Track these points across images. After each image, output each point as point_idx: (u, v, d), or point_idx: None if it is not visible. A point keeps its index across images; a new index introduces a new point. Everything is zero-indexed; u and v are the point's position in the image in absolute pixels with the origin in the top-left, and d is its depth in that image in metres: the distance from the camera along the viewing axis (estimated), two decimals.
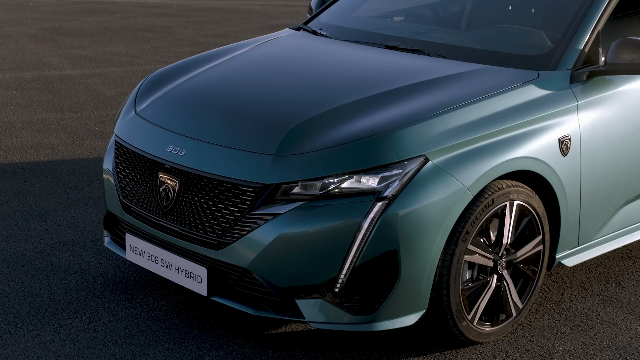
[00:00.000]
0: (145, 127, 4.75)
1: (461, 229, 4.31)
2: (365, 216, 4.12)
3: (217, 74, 5.06)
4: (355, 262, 4.15)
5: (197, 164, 4.39)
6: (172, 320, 4.80)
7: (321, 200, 4.18)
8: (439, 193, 4.21)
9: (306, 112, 4.47)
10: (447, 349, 4.56)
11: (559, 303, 5.04)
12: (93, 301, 4.98)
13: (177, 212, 4.45)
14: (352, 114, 4.42)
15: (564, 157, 4.65)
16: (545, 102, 4.63)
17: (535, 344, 4.63)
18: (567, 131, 4.67)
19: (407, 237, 4.16)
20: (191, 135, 4.53)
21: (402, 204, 4.15)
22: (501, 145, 4.40)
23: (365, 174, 4.18)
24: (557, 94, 4.70)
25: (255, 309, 4.33)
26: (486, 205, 4.37)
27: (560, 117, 4.66)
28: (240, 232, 4.25)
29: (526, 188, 4.55)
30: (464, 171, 4.27)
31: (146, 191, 4.60)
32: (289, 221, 4.17)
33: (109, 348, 4.52)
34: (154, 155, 4.56)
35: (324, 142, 4.27)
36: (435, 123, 4.32)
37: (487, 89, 4.56)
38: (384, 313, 4.24)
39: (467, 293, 4.45)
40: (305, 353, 4.51)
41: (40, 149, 7.52)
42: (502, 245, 4.52)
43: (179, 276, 4.50)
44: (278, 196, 4.21)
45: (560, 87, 4.73)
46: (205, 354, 4.48)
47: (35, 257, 5.49)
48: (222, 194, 4.30)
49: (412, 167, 4.19)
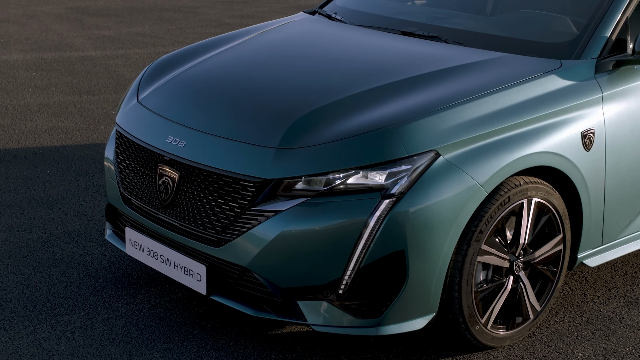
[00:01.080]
0: (147, 116, 4.55)
1: (474, 228, 4.06)
2: (371, 214, 3.89)
3: (223, 61, 4.84)
4: (361, 263, 3.92)
5: (197, 156, 4.18)
6: (173, 317, 4.60)
7: (325, 196, 3.95)
8: (450, 190, 3.96)
9: (312, 103, 4.23)
10: (459, 354, 4.33)
11: (580, 304, 4.78)
12: (93, 296, 4.79)
13: (176, 206, 4.24)
14: (360, 105, 4.18)
15: (587, 152, 4.38)
16: (567, 94, 4.36)
17: (553, 349, 4.38)
18: (591, 124, 4.40)
19: (415, 237, 3.92)
20: (192, 126, 4.31)
21: (411, 202, 3.91)
22: (519, 140, 4.14)
23: (372, 169, 3.94)
24: (581, 84, 4.42)
25: (255, 309, 4.12)
26: (502, 203, 4.11)
27: (584, 110, 4.39)
28: (241, 229, 4.03)
29: (546, 185, 4.29)
30: (477, 167, 4.02)
31: (146, 183, 4.40)
32: (291, 218, 3.95)
33: (105, 347, 4.33)
34: (154, 146, 4.35)
35: (329, 135, 4.03)
36: (448, 116, 4.06)
37: (505, 79, 4.30)
38: (391, 316, 4.01)
39: (480, 295, 4.20)
40: (309, 356, 4.30)
41: (54, 133, 7.35)
42: (519, 245, 4.27)
43: (178, 273, 4.30)
44: (280, 192, 3.99)
45: (584, 77, 4.45)
46: (205, 355, 4.28)
47: (38, 248, 5.32)
48: (221, 189, 4.08)
49: (421, 162, 3.95)
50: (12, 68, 9.35)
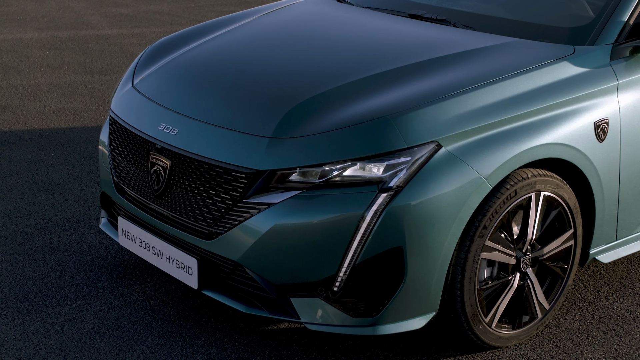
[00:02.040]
0: (140, 101, 4.37)
1: (478, 223, 3.86)
2: (367, 208, 3.69)
3: (221, 45, 4.64)
4: (356, 259, 3.73)
5: (189, 145, 3.99)
6: (167, 310, 4.44)
7: (320, 189, 3.76)
8: (452, 183, 3.75)
9: (310, 90, 4.03)
10: (462, 353, 4.13)
11: (593, 302, 4.57)
12: (87, 286, 4.64)
13: (168, 196, 4.06)
14: (359, 92, 3.97)
15: (601, 143, 4.16)
16: (580, 82, 4.13)
17: (561, 349, 4.17)
18: (605, 114, 4.17)
19: (414, 233, 3.72)
20: (185, 113, 4.13)
21: (410, 196, 3.71)
22: (527, 131, 3.92)
23: (369, 161, 3.74)
24: (595, 71, 4.19)
25: (247, 306, 3.94)
26: (508, 197, 3.90)
27: (597, 98, 4.16)
28: (232, 221, 3.85)
29: (555, 177, 4.07)
30: (482, 159, 3.81)
31: (138, 172, 4.23)
32: (284, 211, 3.76)
33: (94, 341, 4.18)
34: (146, 133, 4.18)
35: (325, 125, 3.83)
36: (452, 105, 3.85)
37: (514, 66, 4.07)
38: (388, 315, 3.82)
39: (484, 293, 4.00)
40: (305, 353, 4.12)
41: (62, 114, 7.20)
42: (526, 241, 4.06)
43: (170, 266, 4.13)
44: (273, 184, 3.80)
45: (598, 64, 4.22)
46: (197, 351, 4.11)
47: (35, 235, 5.17)
48: (213, 180, 3.90)
49: (422, 154, 3.74)
50: (26, 47, 9.21)
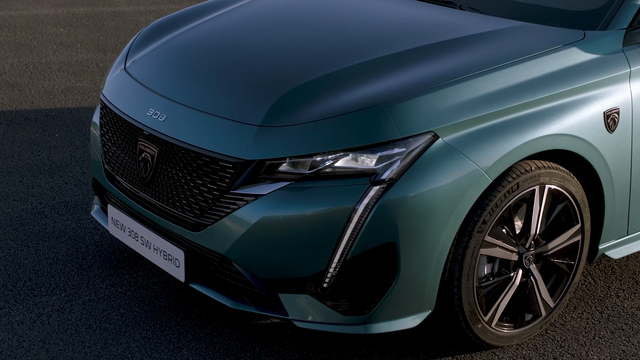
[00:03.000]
0: (130, 85, 4.21)
1: (477, 218, 3.67)
2: (358, 202, 3.51)
3: (214, 28, 4.46)
4: (347, 255, 3.56)
5: (176, 132, 3.83)
6: (158, 302, 4.29)
7: (310, 180, 3.58)
8: (449, 176, 3.56)
9: (302, 76, 3.84)
10: (460, 353, 3.95)
11: (602, 299, 4.36)
12: (78, 275, 4.50)
13: (156, 185, 3.91)
14: (354, 79, 3.78)
15: (611, 134, 3.94)
16: (589, 69, 3.91)
17: (565, 350, 3.98)
18: (616, 103, 3.95)
19: (408, 228, 3.54)
20: (174, 98, 3.96)
21: (404, 189, 3.52)
22: (530, 121, 3.72)
23: (361, 152, 3.55)
24: (606, 58, 3.97)
25: (235, 301, 3.78)
26: (509, 191, 3.71)
27: (608, 87, 3.94)
28: (219, 213, 3.69)
29: (562, 170, 3.86)
30: (481, 151, 3.61)
31: (127, 159, 4.07)
32: (272, 204, 3.59)
33: (80, 333, 4.04)
34: (134, 118, 4.02)
35: (317, 113, 3.65)
36: (450, 93, 3.65)
37: (519, 52, 3.86)
38: (380, 314, 3.64)
39: (484, 291, 3.81)
40: (296, 350, 3.96)
41: (71, 93, 7.07)
42: (529, 236, 3.87)
43: (158, 257, 3.98)
44: (262, 174, 3.62)
45: (610, 50, 4.00)
46: (184, 346, 3.96)
47: (30, 220, 5.04)
48: (200, 169, 3.73)
49: (417, 145, 3.55)
50: (41, 23, 9.08)
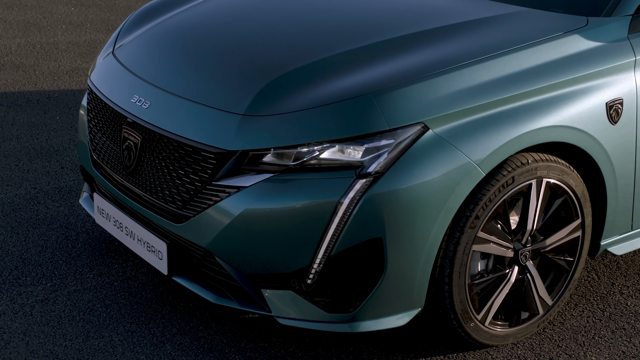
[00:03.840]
0: (117, 70, 4.08)
1: (469, 213, 3.51)
2: (343, 195, 3.37)
3: (205, 12, 4.31)
4: (331, 250, 3.42)
5: (159, 120, 3.70)
6: (145, 293, 4.17)
7: (294, 172, 3.44)
8: (439, 169, 3.41)
9: (289, 63, 3.69)
10: (453, 351, 3.80)
11: (605, 296, 4.20)
12: (66, 264, 4.39)
13: (139, 174, 3.78)
14: (343, 67, 3.63)
15: (613, 126, 3.77)
16: (592, 57, 3.74)
17: (562, 350, 3.82)
18: (619, 93, 3.78)
19: (395, 223, 3.39)
20: (159, 85, 3.83)
21: (391, 183, 3.37)
22: (527, 112, 3.55)
23: (348, 143, 3.40)
24: (610, 46, 3.79)
25: (217, 295, 3.65)
26: (504, 185, 3.55)
27: (611, 76, 3.77)
28: (201, 205, 3.56)
29: (561, 163, 3.70)
30: (474, 143, 3.45)
31: (113, 146, 3.95)
32: (255, 196, 3.45)
33: (62, 325, 3.93)
34: (119, 105, 3.89)
35: (303, 102, 3.50)
36: (442, 82, 3.49)
37: (517, 39, 3.69)
38: (367, 311, 3.50)
39: (477, 288, 3.66)
40: (283, 346, 3.83)
41: (75, 75, 6.95)
42: (525, 232, 3.71)
43: (141, 249, 3.86)
44: (246, 165, 3.49)
45: (614, 37, 3.82)
46: (168, 340, 3.85)
47: (23, 206, 4.94)
48: (182, 159, 3.60)
49: (405, 136, 3.40)
50: (52, 2, 8.98)
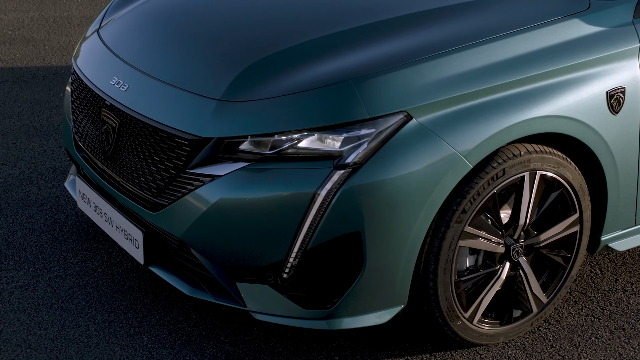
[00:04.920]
0: (100, 50, 3.93)
1: (455, 206, 3.34)
2: (320, 187, 3.20)
3: None
4: (308, 244, 3.26)
5: (136, 103, 3.55)
6: (128, 281, 4.05)
7: (271, 162, 3.28)
8: (422, 161, 3.23)
9: (270, 47, 3.53)
10: (439, 350, 3.64)
11: (607, 293, 4.00)
12: (51, 248, 4.28)
13: (117, 159, 3.64)
14: (324, 51, 3.45)
15: (614, 116, 3.57)
16: (592, 43, 3.53)
17: (556, 350, 3.64)
18: (621, 82, 3.57)
19: (375, 217, 3.22)
20: (138, 66, 3.68)
21: (370, 174, 3.20)
22: (519, 101, 3.36)
23: (327, 132, 3.24)
24: (613, 31, 3.58)
25: (192, 287, 3.51)
26: (493, 177, 3.37)
27: (613, 63, 3.56)
28: (176, 193, 3.41)
29: (556, 154, 3.50)
30: (460, 134, 3.27)
31: (93, 129, 3.81)
32: (230, 185, 3.30)
33: (39, 313, 3.82)
34: (98, 87, 3.75)
35: (281, 88, 3.33)
36: (428, 69, 3.30)
37: (511, 24, 3.49)
38: (345, 308, 3.34)
39: (464, 285, 3.49)
40: (263, 341, 3.68)
41: None
42: (518, 226, 3.52)
43: (120, 236, 3.72)
44: (222, 153, 3.33)
45: (618, 22, 3.60)
46: (145, 332, 3.72)
47: (15, 186, 4.83)
48: (157, 145, 3.46)
49: (387, 126, 3.22)
50: None
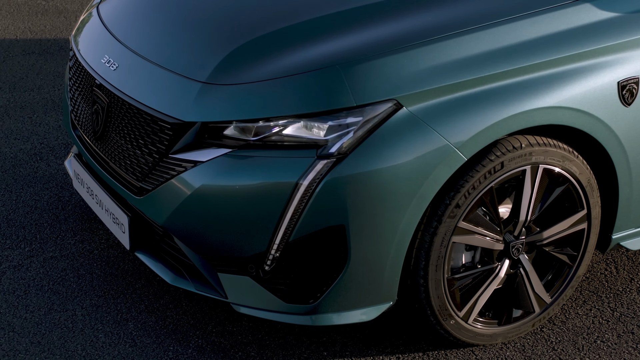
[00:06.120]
0: (96, 26, 3.81)
1: (448, 201, 3.16)
2: (302, 177, 3.05)
3: None
4: (290, 236, 3.11)
5: (124, 83, 3.43)
6: (122, 264, 3.95)
7: (254, 149, 3.13)
8: (411, 152, 3.05)
9: (260, 28, 3.37)
10: (433, 349, 3.47)
11: (620, 294, 3.79)
12: (50, 227, 4.19)
13: (106, 140, 3.53)
14: (315, 34, 3.28)
15: (627, 108, 3.35)
16: (604, 30, 3.31)
17: (557, 353, 3.45)
18: (635, 71, 3.35)
19: (360, 210, 3.06)
20: (130, 45, 3.55)
21: (355, 165, 3.04)
22: (519, 91, 3.16)
23: (312, 119, 3.08)
24: (627, 17, 3.35)
25: (176, 275, 3.39)
26: (491, 171, 3.18)
27: (626, 52, 3.33)
28: (159, 179, 3.29)
29: (562, 148, 3.30)
30: (454, 124, 3.08)
31: (86, 108, 3.71)
32: (212, 172, 3.16)
33: (28, 295, 3.74)
34: (90, 65, 3.64)
35: (267, 72, 3.17)
36: (422, 55, 3.12)
37: (516, 7, 3.28)
38: (329, 304, 3.19)
39: (458, 283, 3.32)
40: (251, 332, 3.56)
41: None
42: (518, 223, 3.34)
43: (109, 219, 3.62)
44: (207, 138, 3.19)
45: (633, 7, 3.37)
46: (132, 318, 3.61)
47: (24, 161, 4.76)
48: (142, 127, 3.33)
49: (375, 114, 3.05)
50: None
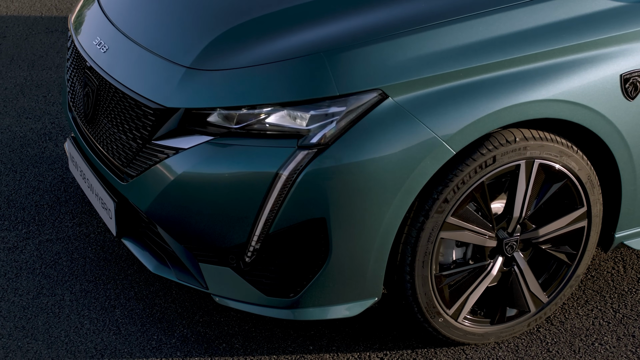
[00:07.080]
0: (94, 10, 3.75)
1: (436, 195, 3.05)
2: (282, 167, 2.95)
3: None
4: (270, 227, 3.02)
5: (112, 67, 3.36)
6: (117, 249, 3.89)
7: (235, 137, 3.04)
8: (396, 144, 2.94)
9: (245, 13, 3.27)
10: (423, 346, 3.37)
11: (624, 294, 3.65)
12: (50, 209, 4.15)
13: (96, 123, 3.47)
14: (303, 19, 3.17)
15: (630, 102, 3.20)
16: (607, 20, 3.16)
17: (552, 355, 3.33)
18: (639, 64, 3.19)
19: (342, 203, 2.96)
20: (122, 28, 3.48)
21: (338, 156, 2.94)
22: (513, 82, 3.03)
23: (295, 108, 2.98)
24: (632, 7, 3.20)
25: (159, 263, 3.33)
26: (482, 165, 3.06)
27: (629, 43, 3.18)
28: (142, 165, 3.21)
29: (560, 142, 3.17)
30: (442, 116, 2.96)
31: (79, 90, 3.65)
32: (193, 160, 3.08)
33: (19, 279, 3.70)
34: (82, 46, 3.58)
35: (251, 58, 3.08)
36: (411, 43, 3.00)
37: None
38: (310, 298, 3.10)
39: (447, 280, 3.21)
40: (238, 323, 3.48)
41: None
42: (512, 219, 3.21)
43: (98, 204, 3.56)
44: (191, 125, 3.11)
45: None
46: (120, 305, 3.56)
47: (32, 142, 4.72)
48: (127, 112, 3.26)
49: (358, 104, 2.94)
50: None
